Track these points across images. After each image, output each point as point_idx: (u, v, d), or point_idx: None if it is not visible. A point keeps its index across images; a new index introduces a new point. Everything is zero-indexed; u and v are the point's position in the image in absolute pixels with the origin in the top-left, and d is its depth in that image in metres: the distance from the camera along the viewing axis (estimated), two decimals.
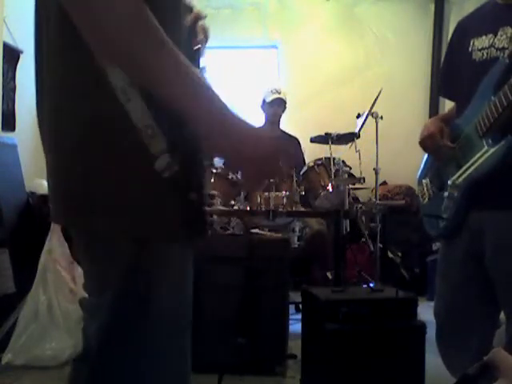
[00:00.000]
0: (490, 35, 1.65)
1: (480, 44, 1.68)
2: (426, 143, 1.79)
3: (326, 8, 5.71)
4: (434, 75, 5.54)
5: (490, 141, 1.58)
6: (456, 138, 1.74)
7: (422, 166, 1.96)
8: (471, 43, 1.71)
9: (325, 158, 3.78)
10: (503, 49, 1.60)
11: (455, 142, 1.73)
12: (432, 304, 1.94)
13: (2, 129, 3.82)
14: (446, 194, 1.72)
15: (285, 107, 4.46)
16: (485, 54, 1.66)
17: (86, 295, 1.03)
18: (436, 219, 1.76)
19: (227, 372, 2.67)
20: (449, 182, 1.71)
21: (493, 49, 1.64)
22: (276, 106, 4.38)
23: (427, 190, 1.88)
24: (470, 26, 1.77)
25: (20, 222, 3.39)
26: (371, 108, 3.85)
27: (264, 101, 4.40)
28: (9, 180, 3.46)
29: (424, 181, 1.92)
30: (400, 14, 5.66)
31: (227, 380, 2.63)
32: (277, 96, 4.34)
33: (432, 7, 5.62)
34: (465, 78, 1.73)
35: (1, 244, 3.11)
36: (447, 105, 4.99)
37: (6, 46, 3.79)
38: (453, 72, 1.83)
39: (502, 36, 1.62)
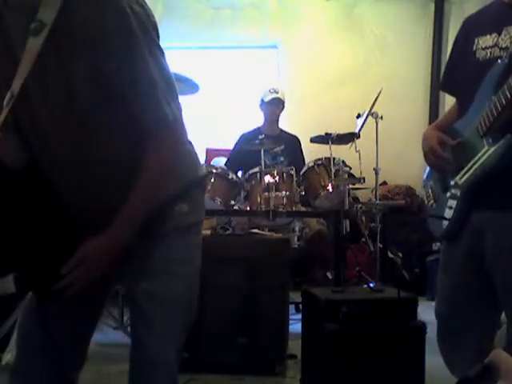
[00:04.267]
0: (495, 34, 1.65)
1: (484, 43, 1.68)
2: (428, 158, 1.79)
3: (326, 8, 5.70)
4: (433, 75, 5.54)
5: (491, 140, 1.58)
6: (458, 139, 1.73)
7: (427, 169, 1.95)
8: (475, 42, 1.70)
9: (325, 158, 3.78)
10: (507, 48, 1.60)
11: (457, 143, 1.73)
12: (432, 304, 1.94)
13: None
14: (448, 194, 1.73)
15: (283, 106, 4.46)
16: (488, 53, 1.66)
17: None
18: (440, 220, 1.76)
19: (227, 372, 2.67)
20: (451, 183, 1.71)
21: (496, 48, 1.63)
22: (274, 106, 4.39)
23: (432, 192, 1.88)
24: (475, 25, 1.76)
25: None
26: (371, 108, 3.85)
27: (262, 100, 4.40)
28: None
29: (429, 183, 1.91)
30: (400, 14, 5.66)
31: (227, 380, 2.64)
32: (275, 96, 4.35)
33: (432, 7, 5.61)
34: (468, 77, 1.73)
35: None
36: (447, 105, 4.99)
37: None
38: (456, 69, 1.83)
39: (505, 36, 1.61)
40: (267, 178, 3.61)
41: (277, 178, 3.61)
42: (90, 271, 1.23)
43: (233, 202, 3.77)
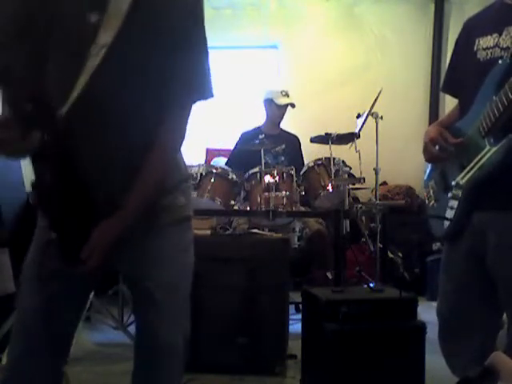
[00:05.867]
0: (495, 35, 1.65)
1: (485, 43, 1.68)
2: (428, 148, 1.78)
3: (326, 8, 5.70)
4: (433, 75, 5.54)
5: (492, 140, 1.58)
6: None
7: (428, 169, 1.95)
8: (476, 42, 1.71)
9: (325, 158, 3.78)
10: (507, 49, 1.60)
11: (459, 142, 1.72)
12: (432, 304, 1.94)
13: None
14: (450, 195, 1.73)
15: None
16: (489, 53, 1.66)
17: None
18: (441, 220, 1.77)
19: (227, 372, 2.67)
20: (453, 183, 1.71)
21: (497, 48, 1.63)
22: (284, 110, 4.36)
23: (433, 192, 1.88)
24: (476, 26, 1.76)
25: (20, 221, 3.38)
26: (371, 108, 3.85)
27: (271, 100, 4.32)
28: (9, 180, 3.46)
29: (430, 183, 1.91)
30: (400, 13, 5.66)
31: (227, 380, 2.64)
32: (288, 101, 4.30)
33: (432, 7, 5.61)
34: (469, 77, 1.73)
35: (1, 244, 3.11)
36: (447, 105, 4.99)
37: None
38: (457, 70, 1.83)
39: (506, 36, 1.62)
40: (267, 178, 3.61)
41: (277, 178, 3.60)
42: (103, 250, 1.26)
43: (233, 202, 3.76)
